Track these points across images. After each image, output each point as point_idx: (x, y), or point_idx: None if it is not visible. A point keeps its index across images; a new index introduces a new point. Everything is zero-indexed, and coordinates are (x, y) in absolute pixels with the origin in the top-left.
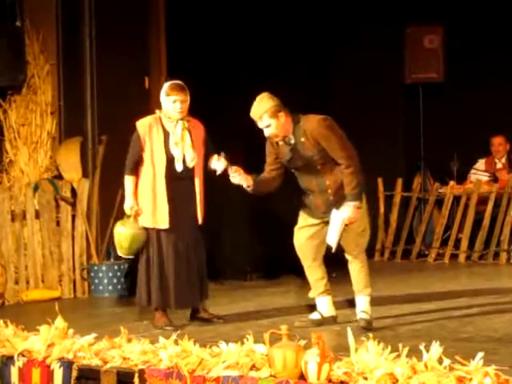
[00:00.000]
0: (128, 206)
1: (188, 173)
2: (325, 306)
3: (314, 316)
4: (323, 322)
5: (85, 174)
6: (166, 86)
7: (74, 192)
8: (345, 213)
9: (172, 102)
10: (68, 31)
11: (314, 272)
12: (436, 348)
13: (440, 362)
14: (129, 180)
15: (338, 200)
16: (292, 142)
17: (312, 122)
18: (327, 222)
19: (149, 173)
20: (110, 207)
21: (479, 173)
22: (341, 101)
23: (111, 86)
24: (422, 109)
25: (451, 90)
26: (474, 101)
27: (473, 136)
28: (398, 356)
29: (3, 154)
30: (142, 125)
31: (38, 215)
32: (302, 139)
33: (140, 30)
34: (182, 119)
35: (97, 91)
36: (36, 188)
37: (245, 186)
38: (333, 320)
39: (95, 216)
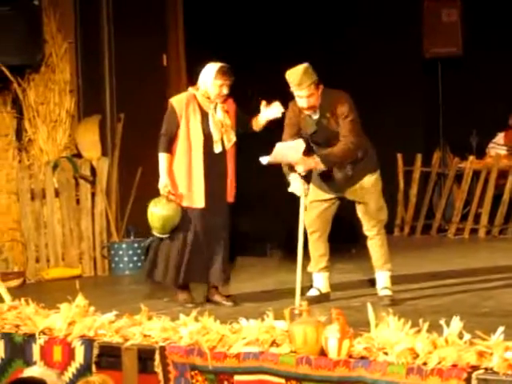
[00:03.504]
0: (162, 184)
1: (223, 152)
2: (322, 282)
3: (312, 293)
4: (320, 298)
5: (104, 152)
6: (215, 68)
7: (93, 170)
8: (302, 158)
9: (219, 87)
10: (85, 9)
11: (319, 247)
12: (456, 323)
13: (460, 336)
14: (163, 157)
15: (356, 174)
16: (317, 115)
17: (339, 98)
18: (340, 198)
19: (184, 151)
20: (129, 185)
21: (498, 147)
22: (359, 76)
23: (129, 63)
24: (441, 83)
25: (470, 63)
26: (493, 74)
27: (492, 110)
28: (419, 331)
29: (22, 132)
30: (178, 101)
31: (57, 194)
32: (328, 114)
33: (157, 7)
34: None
35: (115, 69)
36: (55, 166)
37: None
38: (328, 296)
39: (115, 194)
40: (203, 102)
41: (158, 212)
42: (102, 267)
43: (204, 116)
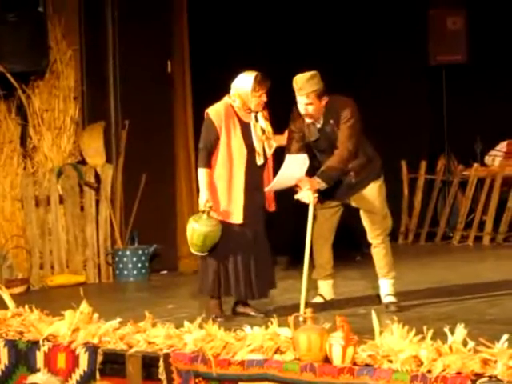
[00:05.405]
0: (203, 200)
1: (264, 163)
2: (327, 289)
3: (317, 300)
4: (325, 305)
5: (108, 159)
6: (252, 80)
7: (97, 177)
8: (302, 176)
9: (259, 97)
10: (90, 16)
11: (324, 254)
12: (461, 330)
13: (465, 344)
14: (203, 173)
15: (360, 182)
16: (320, 124)
17: (343, 105)
18: (344, 205)
19: (225, 164)
20: (133, 192)
21: (499, 153)
22: (364, 83)
23: (134, 70)
24: (445, 91)
25: (475, 71)
26: (498, 82)
27: (497, 118)
28: (423, 338)
29: (27, 139)
30: (216, 112)
31: (61, 200)
32: (332, 121)
33: (162, 14)
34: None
35: (119, 76)
36: (60, 173)
37: None
38: (333, 303)
39: (119, 201)
40: (241, 113)
41: (198, 229)
42: (106, 274)
43: (245, 128)
